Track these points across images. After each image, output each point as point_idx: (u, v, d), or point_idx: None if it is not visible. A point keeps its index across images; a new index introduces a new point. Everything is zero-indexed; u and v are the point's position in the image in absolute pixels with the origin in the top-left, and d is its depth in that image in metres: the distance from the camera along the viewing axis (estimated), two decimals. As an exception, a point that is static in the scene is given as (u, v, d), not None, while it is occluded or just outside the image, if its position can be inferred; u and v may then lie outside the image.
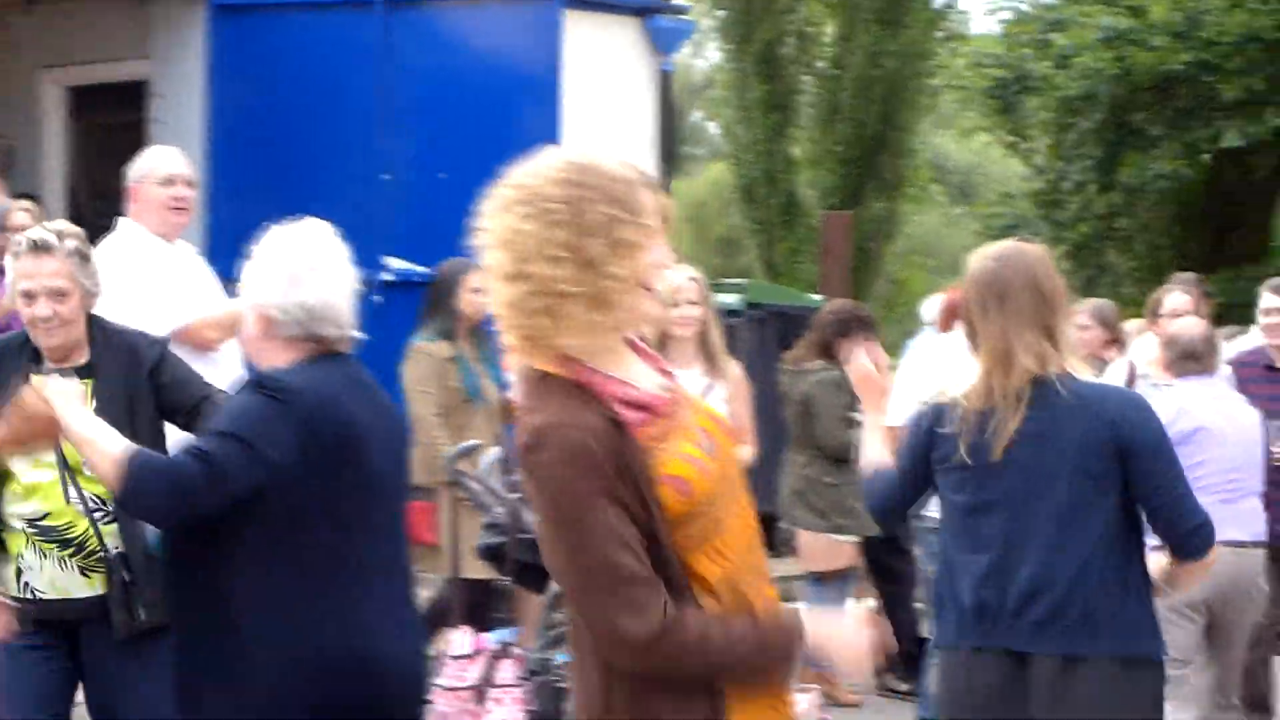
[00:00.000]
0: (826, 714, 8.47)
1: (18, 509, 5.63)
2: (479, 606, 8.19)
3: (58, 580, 5.53)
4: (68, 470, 5.57)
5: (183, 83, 12.34)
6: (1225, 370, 9.14)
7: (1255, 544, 7.62)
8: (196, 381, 5.88)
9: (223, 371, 7.12)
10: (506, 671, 6.95)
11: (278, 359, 4.64)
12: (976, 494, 5.14)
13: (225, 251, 7.04)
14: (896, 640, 9.80)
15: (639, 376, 3.54)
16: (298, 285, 4.58)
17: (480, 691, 6.93)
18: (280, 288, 4.57)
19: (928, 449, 5.27)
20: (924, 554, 8.37)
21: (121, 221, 7.52)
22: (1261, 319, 8.99)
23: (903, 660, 9.68)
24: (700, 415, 3.64)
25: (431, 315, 9.04)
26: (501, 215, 3.53)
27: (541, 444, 3.38)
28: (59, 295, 5.57)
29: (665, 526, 3.39)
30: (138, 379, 5.73)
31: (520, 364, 3.55)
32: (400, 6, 11.69)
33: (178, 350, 6.46)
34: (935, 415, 5.23)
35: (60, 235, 5.74)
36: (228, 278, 6.84)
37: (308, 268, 4.63)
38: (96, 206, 13.17)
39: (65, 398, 4.84)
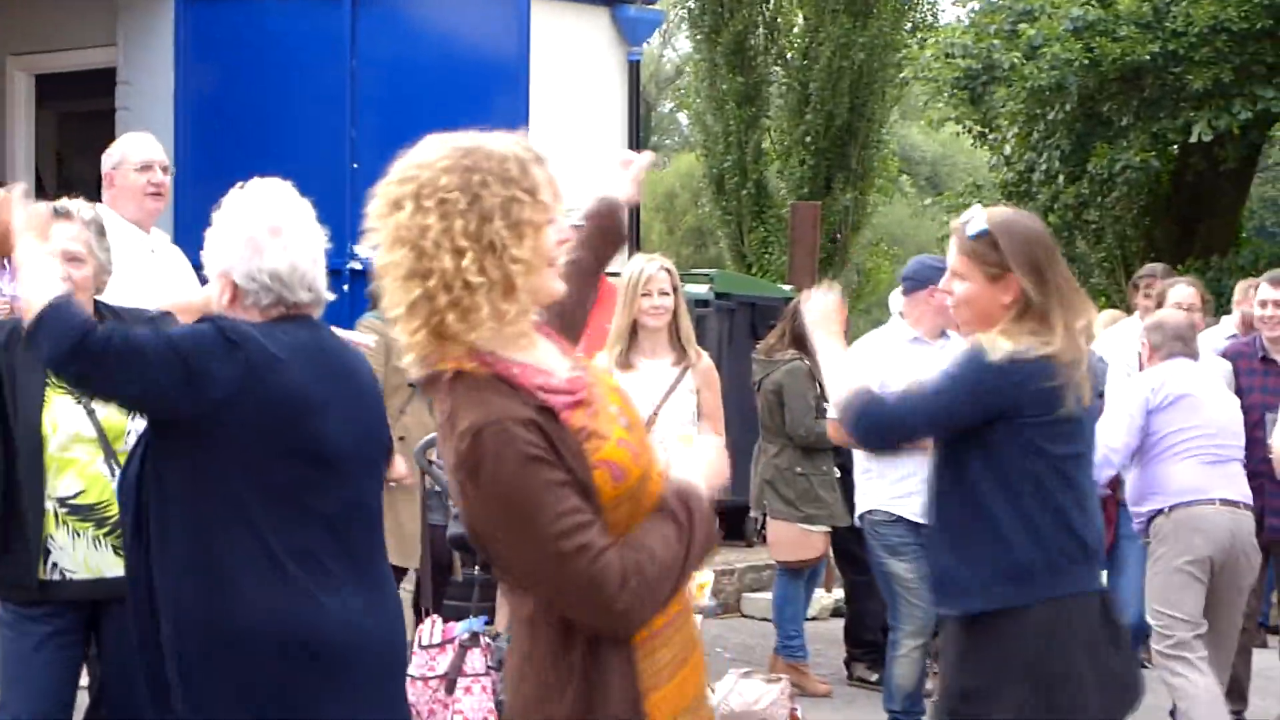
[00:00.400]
0: (795, 704, 8.46)
1: (52, 488, 5.53)
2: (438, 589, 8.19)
3: (90, 560, 5.49)
4: (107, 447, 5.54)
5: (150, 70, 12.30)
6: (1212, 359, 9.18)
7: (1245, 505, 7.78)
8: None
9: None
10: (476, 661, 6.96)
11: None
12: (1075, 445, 5.14)
13: (193, 239, 6.99)
14: (865, 630, 9.81)
15: (551, 360, 3.47)
16: (264, 251, 4.40)
17: (450, 680, 6.94)
18: (246, 254, 4.39)
19: (1007, 405, 5.12)
20: (879, 547, 8.28)
21: (98, 207, 7.47)
22: (1258, 310, 9.01)
23: (872, 650, 9.68)
24: (608, 389, 3.57)
25: (375, 298, 9.03)
26: (394, 212, 3.39)
27: (479, 445, 3.26)
28: (75, 260, 5.48)
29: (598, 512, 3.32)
30: None
31: (427, 368, 3.40)
32: (369, -3, 11.67)
33: None
34: (1033, 371, 5.04)
35: (79, 207, 5.75)
36: (195, 265, 6.81)
37: (273, 231, 4.44)
38: (63, 194, 13.00)
39: (33, 220, 4.67)
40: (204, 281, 5.58)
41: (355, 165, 11.46)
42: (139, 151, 7.48)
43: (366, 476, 4.54)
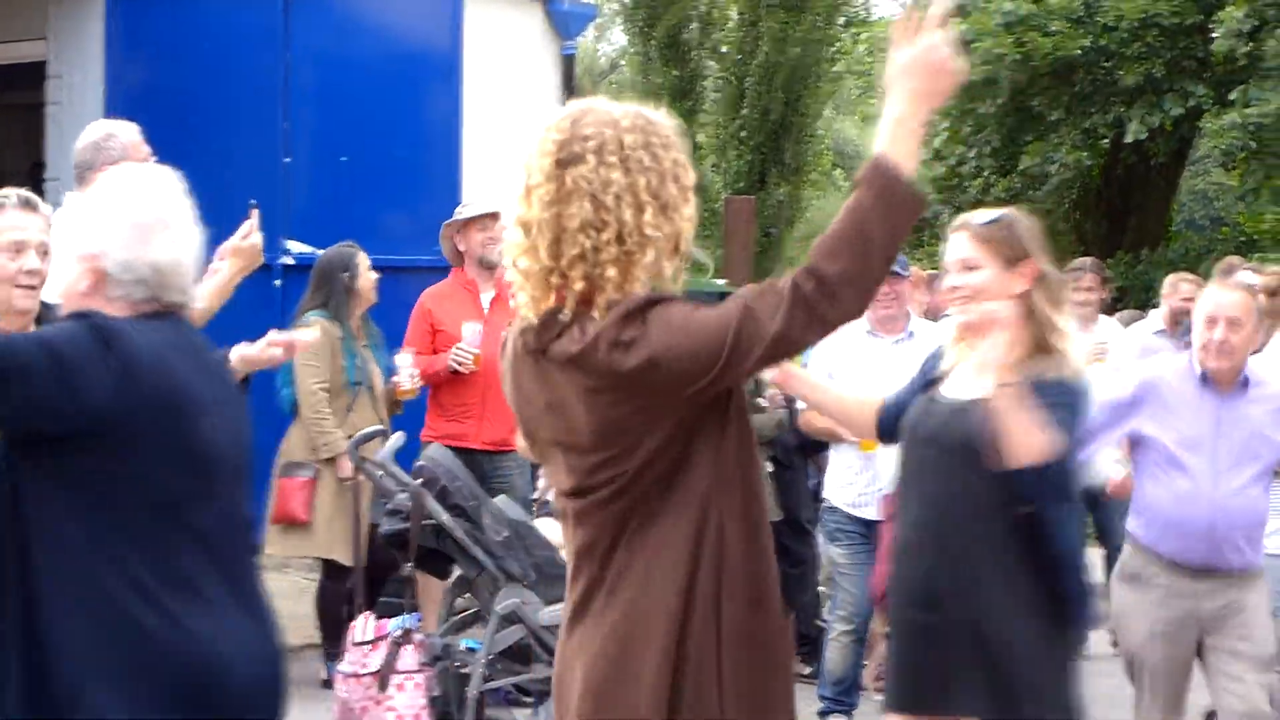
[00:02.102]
0: None
1: None
2: (373, 588, 8.20)
3: None
4: None
5: (81, 64, 12.22)
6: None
7: None
8: None
9: None
10: (409, 658, 6.96)
11: None
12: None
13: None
14: (798, 623, 9.81)
15: None
16: (147, 241, 3.94)
17: (383, 677, 6.93)
18: (125, 241, 3.93)
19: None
20: (822, 530, 8.34)
21: (69, 196, 7.17)
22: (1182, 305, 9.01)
23: (804, 643, 9.67)
24: None
25: (319, 295, 9.01)
26: (571, 165, 3.47)
27: (647, 308, 3.40)
28: (45, 253, 5.26)
29: None
30: None
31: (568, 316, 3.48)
32: (305, -8, 11.65)
33: None
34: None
35: (35, 200, 5.53)
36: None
37: (159, 222, 3.99)
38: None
39: None
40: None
41: (288, 159, 11.45)
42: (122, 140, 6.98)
43: (237, 485, 4.11)
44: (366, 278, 8.97)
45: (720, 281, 14.28)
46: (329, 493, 8.79)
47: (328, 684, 8.94)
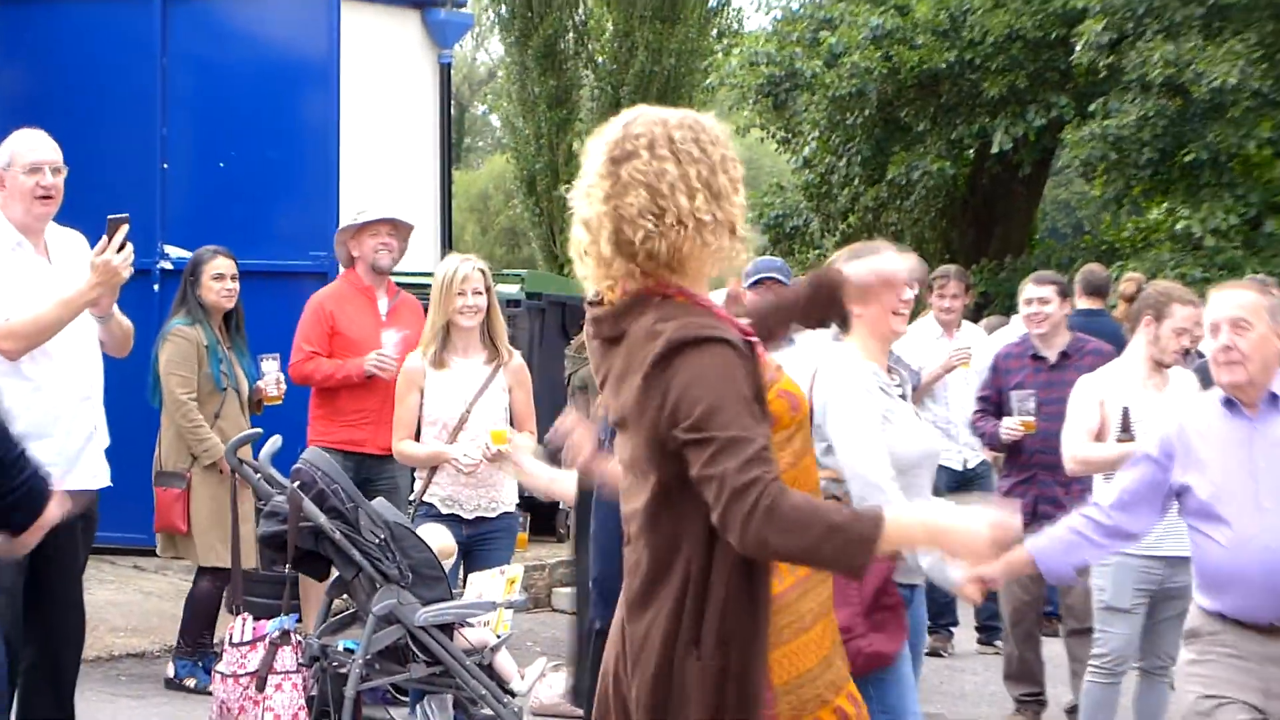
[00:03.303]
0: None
1: None
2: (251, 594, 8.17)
3: None
4: None
5: (-43, 70, 12.09)
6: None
7: None
8: None
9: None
10: (287, 658, 6.95)
11: None
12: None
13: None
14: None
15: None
16: None
17: (261, 678, 6.92)
18: None
19: None
20: None
21: None
22: (1024, 309, 8.87)
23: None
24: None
25: (182, 299, 9.00)
26: (626, 160, 3.65)
27: (690, 343, 3.53)
28: None
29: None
30: None
31: (623, 297, 3.69)
32: (182, 1, 11.58)
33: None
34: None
35: None
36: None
37: None
38: None
39: None
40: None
41: (165, 165, 11.40)
42: (29, 153, 6.90)
43: None
44: (208, 284, 8.92)
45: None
46: (203, 500, 8.76)
47: (170, 683, 8.98)
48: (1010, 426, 8.59)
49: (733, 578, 3.60)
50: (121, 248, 6.68)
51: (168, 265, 11.12)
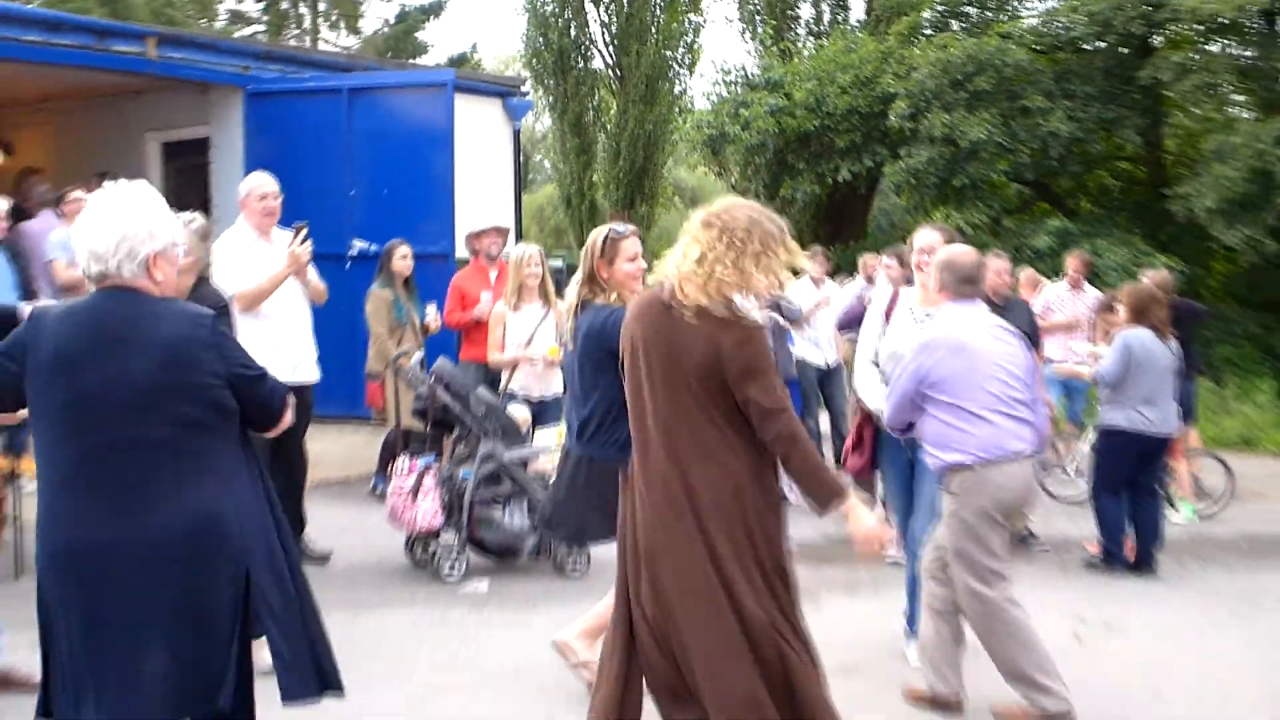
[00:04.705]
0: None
1: None
2: (412, 443, 8.24)
3: None
4: None
5: (229, 140, 12.01)
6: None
7: (1033, 455, 4.85)
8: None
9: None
10: (430, 480, 7.01)
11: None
12: None
13: None
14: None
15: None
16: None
17: (414, 491, 7.00)
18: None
19: None
20: None
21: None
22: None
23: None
24: None
25: (380, 272, 9.04)
26: (708, 229, 3.71)
27: (757, 334, 3.61)
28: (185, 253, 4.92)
29: None
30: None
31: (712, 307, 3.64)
32: (359, 94, 11.53)
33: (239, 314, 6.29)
34: None
35: (189, 218, 5.32)
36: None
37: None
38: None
39: None
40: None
41: (352, 192, 11.34)
42: (261, 186, 6.94)
43: (118, 419, 3.05)
44: (397, 260, 8.94)
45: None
46: (393, 383, 8.81)
47: (372, 490, 9.01)
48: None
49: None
50: (303, 242, 6.76)
51: (353, 252, 11.13)
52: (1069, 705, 4.68)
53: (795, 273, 5.52)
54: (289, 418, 3.39)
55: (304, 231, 6.75)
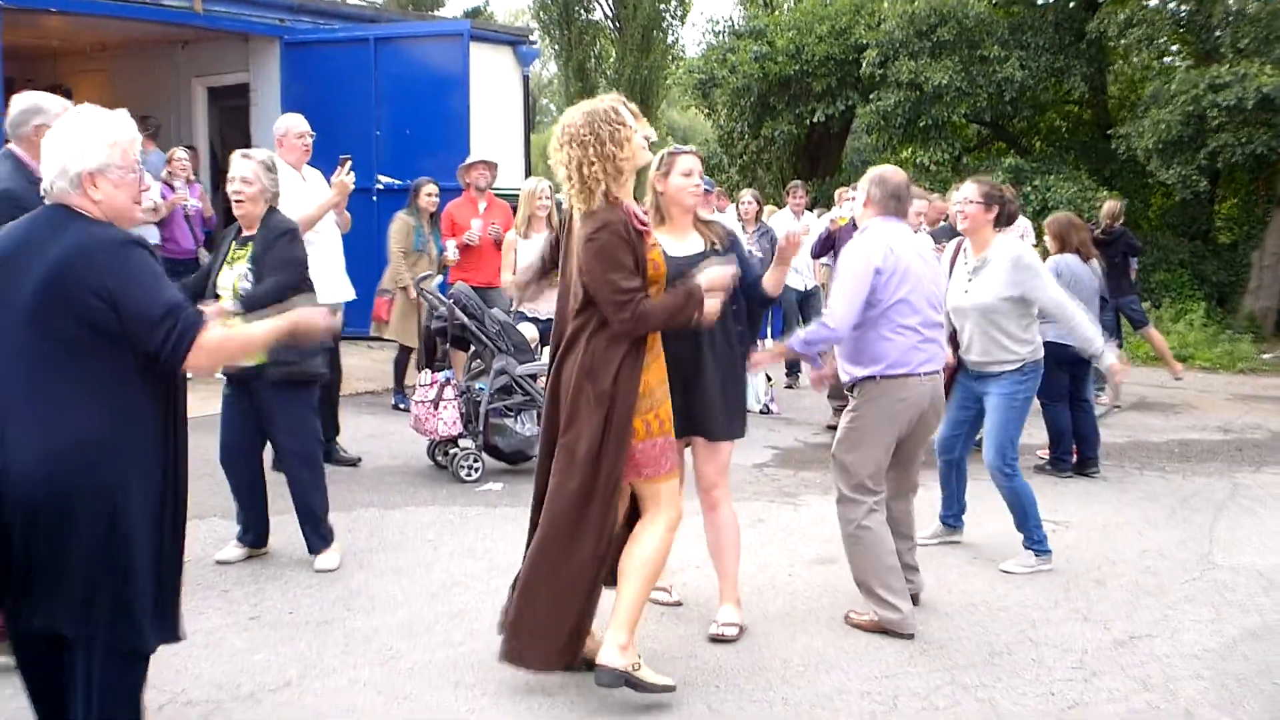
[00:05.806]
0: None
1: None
2: (429, 357, 8.17)
3: None
4: None
5: (267, 85, 11.89)
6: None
7: (942, 370, 4.59)
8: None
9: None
10: (449, 392, 6.97)
11: None
12: None
13: None
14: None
15: (638, 212, 3.71)
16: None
17: (435, 402, 6.95)
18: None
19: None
20: None
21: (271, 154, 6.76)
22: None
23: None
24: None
25: (409, 203, 8.89)
26: (565, 145, 3.65)
27: (603, 227, 3.57)
28: (246, 182, 4.93)
29: (645, 279, 3.64)
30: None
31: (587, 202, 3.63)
32: (383, 43, 11.35)
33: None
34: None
35: (256, 152, 5.09)
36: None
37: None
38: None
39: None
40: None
41: (378, 133, 11.27)
42: (297, 125, 6.83)
43: (26, 321, 2.73)
44: (424, 195, 8.78)
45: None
46: (399, 305, 8.72)
47: (395, 405, 8.97)
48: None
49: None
50: (348, 174, 6.63)
51: (379, 186, 11.02)
52: (910, 624, 4.45)
53: (778, 205, 5.30)
54: (201, 362, 2.79)
55: (349, 164, 6.61)
